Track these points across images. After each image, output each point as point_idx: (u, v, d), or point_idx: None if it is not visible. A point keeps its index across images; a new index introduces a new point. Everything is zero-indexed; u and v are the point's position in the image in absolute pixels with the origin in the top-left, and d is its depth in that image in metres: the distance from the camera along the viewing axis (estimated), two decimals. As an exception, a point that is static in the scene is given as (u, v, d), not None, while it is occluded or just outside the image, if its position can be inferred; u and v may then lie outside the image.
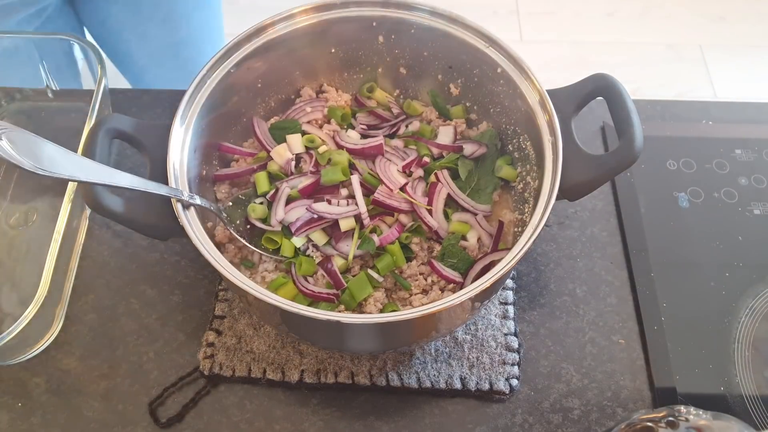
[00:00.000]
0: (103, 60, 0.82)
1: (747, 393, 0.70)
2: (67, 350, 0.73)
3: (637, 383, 0.71)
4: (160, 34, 0.81)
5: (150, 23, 0.83)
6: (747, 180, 0.86)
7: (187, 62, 1.19)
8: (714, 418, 0.53)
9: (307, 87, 0.81)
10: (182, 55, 1.17)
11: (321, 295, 0.66)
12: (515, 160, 0.75)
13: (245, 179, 0.76)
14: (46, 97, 0.92)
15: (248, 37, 0.71)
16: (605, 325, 0.75)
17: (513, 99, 0.71)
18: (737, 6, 2.47)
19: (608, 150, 0.87)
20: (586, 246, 0.81)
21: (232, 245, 0.71)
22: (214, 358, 0.71)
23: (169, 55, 1.15)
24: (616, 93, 0.65)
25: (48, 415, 0.69)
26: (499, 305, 0.75)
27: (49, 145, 0.52)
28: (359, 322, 0.56)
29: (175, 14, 1.11)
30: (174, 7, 1.10)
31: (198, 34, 1.16)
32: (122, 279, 0.78)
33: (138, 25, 0.83)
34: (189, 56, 1.18)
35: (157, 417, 0.69)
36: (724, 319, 0.75)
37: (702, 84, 2.26)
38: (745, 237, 0.81)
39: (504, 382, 0.70)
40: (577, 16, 2.44)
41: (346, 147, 0.74)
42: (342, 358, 0.71)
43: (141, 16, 1.08)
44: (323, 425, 0.69)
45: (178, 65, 1.18)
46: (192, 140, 0.67)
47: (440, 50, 0.75)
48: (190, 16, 1.13)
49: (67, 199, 0.71)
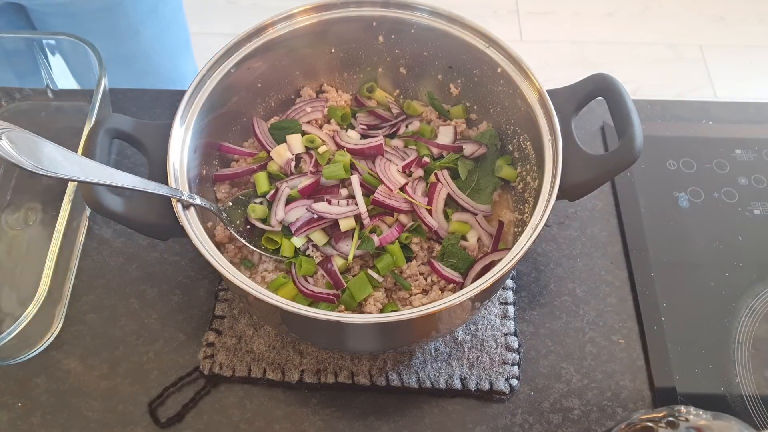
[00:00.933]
0: (102, 60, 0.82)
1: (747, 393, 0.70)
2: (67, 350, 0.73)
3: (637, 383, 0.71)
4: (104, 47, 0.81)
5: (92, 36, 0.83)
6: (747, 180, 0.86)
7: (141, 75, 1.17)
8: (714, 418, 0.53)
9: (307, 87, 0.81)
10: (134, 68, 1.15)
11: (321, 296, 0.66)
12: (515, 160, 0.75)
13: (245, 179, 0.76)
14: (46, 97, 0.92)
15: (248, 37, 0.71)
16: (605, 325, 0.75)
17: (513, 99, 0.71)
18: (737, 6, 2.47)
19: (608, 150, 0.87)
20: (586, 246, 0.81)
21: (232, 245, 0.71)
22: (214, 358, 0.71)
23: (118, 67, 1.11)
24: (616, 93, 0.65)
25: (48, 415, 0.69)
26: (499, 305, 0.75)
27: (49, 145, 0.52)
28: (359, 322, 0.56)
29: (119, 29, 1.09)
30: (117, 22, 1.08)
31: (148, 48, 1.14)
32: (122, 279, 0.78)
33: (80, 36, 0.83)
34: (142, 69, 1.16)
35: (157, 417, 0.69)
36: (724, 319, 0.75)
37: (702, 84, 2.26)
38: (745, 237, 0.81)
39: (504, 382, 0.70)
40: (577, 16, 2.44)
41: (346, 147, 0.74)
42: (342, 358, 0.71)
43: (81, 29, 1.05)
44: (323, 425, 0.69)
45: (133, 77, 1.16)
46: (192, 140, 0.67)
47: (440, 50, 0.75)
48: (137, 30, 1.10)
49: (67, 199, 0.71)
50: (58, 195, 0.72)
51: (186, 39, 1.24)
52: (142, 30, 1.11)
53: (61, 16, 1.05)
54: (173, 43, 1.20)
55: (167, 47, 1.19)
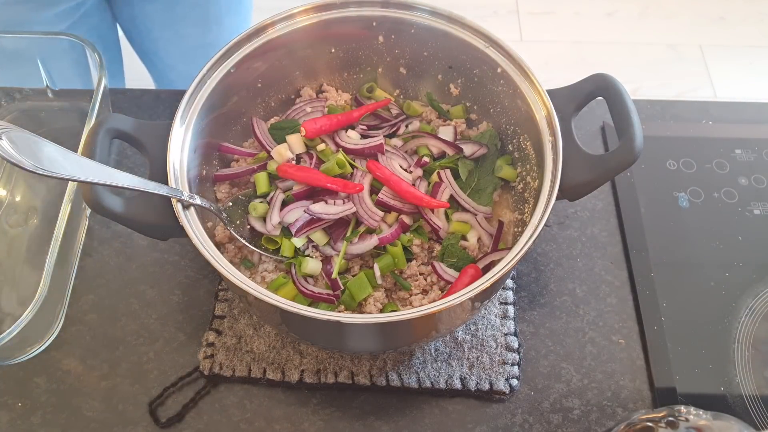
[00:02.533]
0: (102, 60, 0.82)
1: (747, 393, 0.70)
2: (67, 350, 0.73)
3: (637, 383, 0.71)
4: (192, 35, 0.82)
5: (182, 23, 0.84)
6: (747, 180, 0.86)
7: None
8: (714, 418, 0.53)
9: (307, 87, 0.81)
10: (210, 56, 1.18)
11: (321, 296, 0.66)
12: (515, 160, 0.75)
13: (245, 179, 0.76)
14: (46, 97, 0.92)
15: (248, 37, 0.71)
16: (605, 325, 0.75)
17: (513, 99, 0.71)
18: (737, 6, 2.47)
19: (608, 150, 0.87)
20: (586, 246, 0.81)
21: (232, 245, 0.71)
22: (214, 358, 0.71)
23: (198, 56, 1.17)
24: (616, 93, 0.65)
25: (48, 415, 0.69)
26: (499, 305, 0.75)
27: (49, 145, 0.52)
28: (359, 322, 0.56)
29: (209, 17, 1.13)
30: (208, 10, 1.13)
31: (227, 37, 1.18)
32: (122, 279, 0.78)
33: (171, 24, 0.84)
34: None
35: (157, 417, 0.69)
36: (724, 319, 0.75)
37: (702, 84, 2.26)
38: (745, 237, 0.81)
39: (504, 382, 0.70)
40: (577, 16, 2.44)
41: (346, 147, 0.74)
42: (342, 358, 0.71)
43: (175, 17, 1.10)
44: (323, 425, 0.69)
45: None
46: (192, 140, 0.67)
47: (440, 50, 0.75)
48: (222, 19, 1.15)
49: (67, 199, 0.71)
50: (58, 195, 0.72)
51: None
52: (227, 19, 1.16)
53: (159, 2, 1.08)
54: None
55: None
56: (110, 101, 0.86)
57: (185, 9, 1.10)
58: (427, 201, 0.69)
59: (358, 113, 0.77)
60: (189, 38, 0.79)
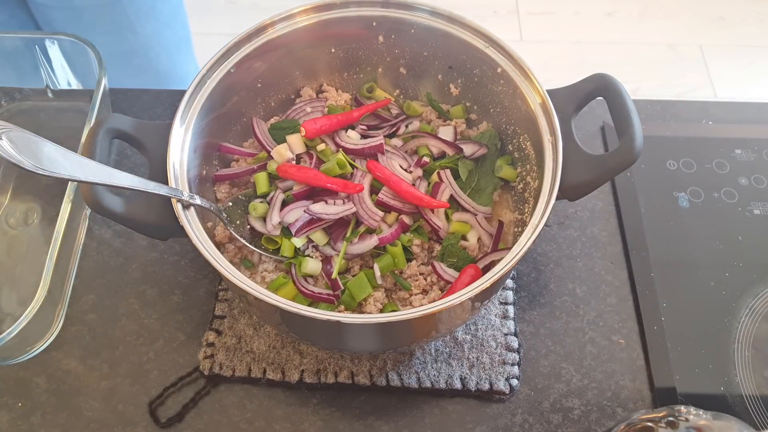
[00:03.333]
0: (102, 60, 0.82)
1: (747, 393, 0.70)
2: (67, 350, 0.73)
3: (637, 383, 0.71)
4: (105, 42, 0.82)
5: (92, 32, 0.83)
6: (747, 180, 0.86)
7: (140, 71, 1.18)
8: (714, 418, 0.53)
9: (307, 87, 0.81)
10: (133, 64, 1.17)
11: (321, 296, 0.66)
12: (515, 160, 0.75)
13: (245, 179, 0.76)
14: (46, 97, 0.92)
15: (248, 37, 0.71)
16: (605, 325, 0.75)
17: (513, 99, 0.71)
18: (737, 6, 2.47)
19: (608, 150, 0.87)
20: (586, 246, 0.81)
21: (232, 245, 0.71)
22: (214, 358, 0.71)
23: (117, 63, 1.12)
24: (616, 93, 0.65)
25: (48, 415, 0.69)
26: (499, 305, 0.75)
27: (49, 145, 0.52)
28: (359, 322, 0.56)
29: (119, 25, 1.10)
30: (118, 19, 1.09)
31: (146, 44, 1.16)
32: (122, 279, 0.78)
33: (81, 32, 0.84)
34: (140, 65, 1.18)
35: (157, 417, 0.69)
36: (724, 319, 0.75)
37: (702, 84, 2.26)
38: (745, 237, 0.81)
39: (504, 382, 0.70)
40: (577, 16, 2.44)
41: (346, 147, 0.74)
42: (342, 358, 0.71)
43: (83, 25, 1.07)
44: (323, 425, 0.69)
45: (132, 72, 1.18)
46: (192, 140, 0.67)
47: (440, 50, 0.75)
48: (134, 27, 1.12)
49: (67, 199, 0.71)
50: (58, 195, 0.72)
51: (186, 37, 1.25)
52: (140, 27, 1.12)
53: (63, 9, 1.06)
54: (172, 40, 1.21)
55: (166, 45, 1.20)
56: (110, 101, 0.86)
57: (92, 17, 1.08)
58: (427, 201, 0.70)
59: (358, 113, 0.77)
60: (102, 46, 0.79)
